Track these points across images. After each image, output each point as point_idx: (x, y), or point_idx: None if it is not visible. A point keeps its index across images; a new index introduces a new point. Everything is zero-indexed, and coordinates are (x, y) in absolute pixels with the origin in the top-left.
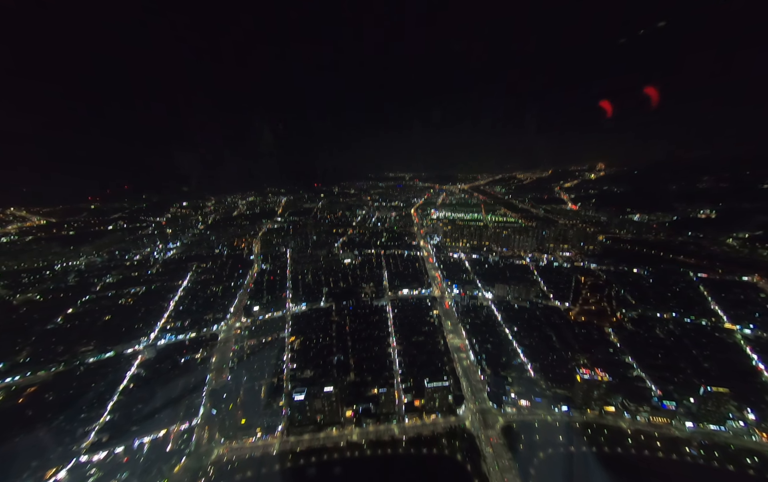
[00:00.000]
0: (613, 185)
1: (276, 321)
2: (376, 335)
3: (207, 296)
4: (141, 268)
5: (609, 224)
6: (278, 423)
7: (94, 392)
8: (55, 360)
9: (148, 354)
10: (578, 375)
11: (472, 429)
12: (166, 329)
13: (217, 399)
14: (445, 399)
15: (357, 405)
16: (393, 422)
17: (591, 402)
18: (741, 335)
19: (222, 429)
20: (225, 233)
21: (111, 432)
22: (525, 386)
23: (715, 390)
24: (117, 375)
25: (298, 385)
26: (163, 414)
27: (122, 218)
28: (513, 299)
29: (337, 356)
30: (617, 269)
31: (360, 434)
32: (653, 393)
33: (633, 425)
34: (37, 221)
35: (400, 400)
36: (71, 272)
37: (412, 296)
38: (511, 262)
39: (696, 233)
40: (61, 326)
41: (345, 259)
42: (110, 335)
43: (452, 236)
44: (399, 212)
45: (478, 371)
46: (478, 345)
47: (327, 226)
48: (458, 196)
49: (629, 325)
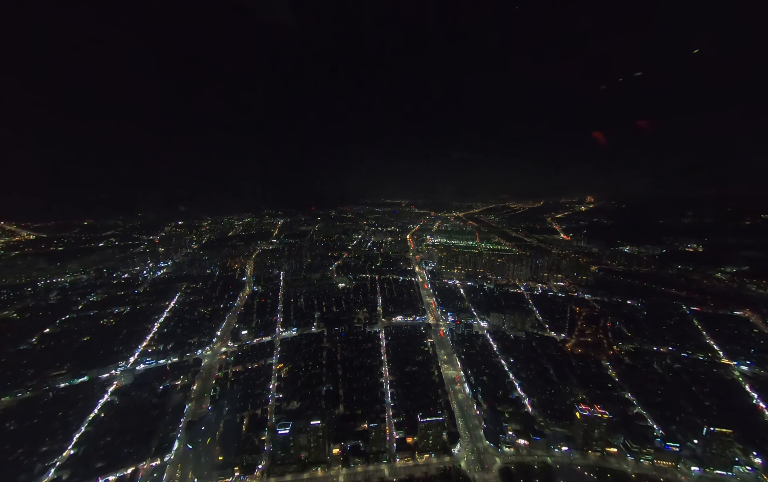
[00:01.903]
0: (602, 217)
1: (264, 347)
2: (368, 364)
3: (194, 319)
4: (128, 287)
5: (601, 255)
6: (258, 461)
7: (60, 421)
8: (23, 385)
9: (124, 380)
10: (577, 411)
11: (467, 470)
12: (147, 353)
13: (194, 432)
14: (440, 437)
15: (345, 442)
16: (383, 462)
17: (592, 442)
18: (739, 372)
19: (196, 467)
20: (219, 253)
21: (73, 468)
22: (523, 423)
23: (718, 430)
24: (88, 402)
25: (283, 418)
26: (133, 449)
27: (115, 235)
28: (509, 329)
29: (326, 387)
30: (611, 301)
31: (347, 475)
32: (655, 432)
33: (637, 468)
34: (26, 236)
35: (392, 437)
36: (54, 290)
37: (406, 323)
38: (506, 290)
39: (685, 266)
40: (35, 347)
41: (339, 283)
42: (86, 358)
43: (447, 262)
44: (395, 237)
45: (474, 405)
46: (473, 377)
47: (322, 249)
48: (453, 223)
49: (626, 358)
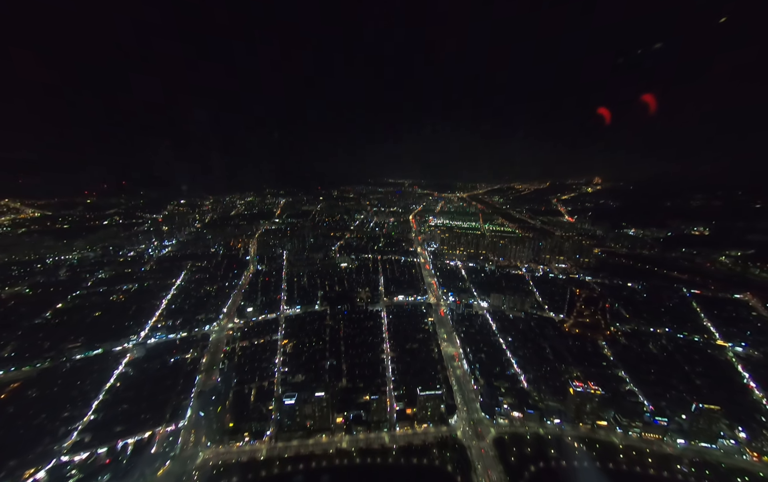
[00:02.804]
0: (609, 199)
1: (269, 323)
2: (370, 341)
3: (200, 296)
4: (134, 265)
5: (604, 238)
6: (267, 428)
7: (78, 390)
8: (41, 356)
9: (137, 353)
10: (571, 387)
11: (463, 439)
12: (156, 328)
13: (205, 401)
14: (438, 409)
15: (348, 412)
16: (384, 430)
17: (583, 415)
18: (733, 353)
19: (209, 432)
20: (222, 232)
21: (94, 432)
22: (518, 397)
23: (706, 407)
24: (104, 373)
25: (289, 389)
26: (149, 415)
27: (118, 213)
28: (508, 309)
29: (330, 361)
30: (612, 283)
31: (350, 441)
32: (645, 408)
33: (625, 440)
34: (31, 214)
35: (392, 408)
36: (63, 267)
37: (407, 302)
38: (507, 272)
39: (690, 250)
40: (50, 321)
41: (341, 263)
42: (99, 332)
43: (449, 243)
44: (397, 217)
45: (472, 380)
46: (472, 354)
47: (325, 229)
48: (456, 204)
49: (623, 339)
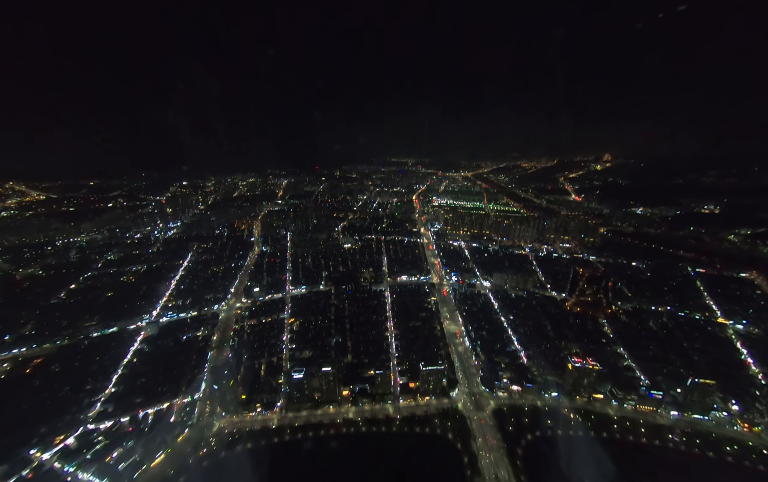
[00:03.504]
0: (618, 177)
1: (276, 303)
2: (374, 319)
3: (208, 276)
4: (142, 246)
5: (611, 217)
6: (277, 399)
7: (98, 365)
8: (60, 334)
9: (150, 331)
10: (570, 363)
11: (464, 410)
12: (167, 307)
13: (218, 375)
14: (439, 382)
15: (354, 385)
16: (388, 402)
17: (580, 388)
18: (733, 330)
19: (223, 403)
20: (225, 214)
21: (116, 403)
22: (517, 372)
23: (702, 381)
24: (120, 349)
25: (297, 364)
26: (166, 388)
27: (122, 195)
28: (510, 289)
29: (336, 339)
30: (616, 262)
31: (356, 412)
32: (642, 382)
33: (620, 412)
34: (37, 196)
35: (396, 382)
36: (72, 249)
37: (410, 282)
38: (511, 252)
39: (698, 228)
40: (65, 300)
41: (345, 243)
42: (113, 311)
43: (453, 223)
44: (400, 198)
45: (473, 356)
46: (473, 332)
47: (328, 210)
48: (461, 183)
49: (623, 317)
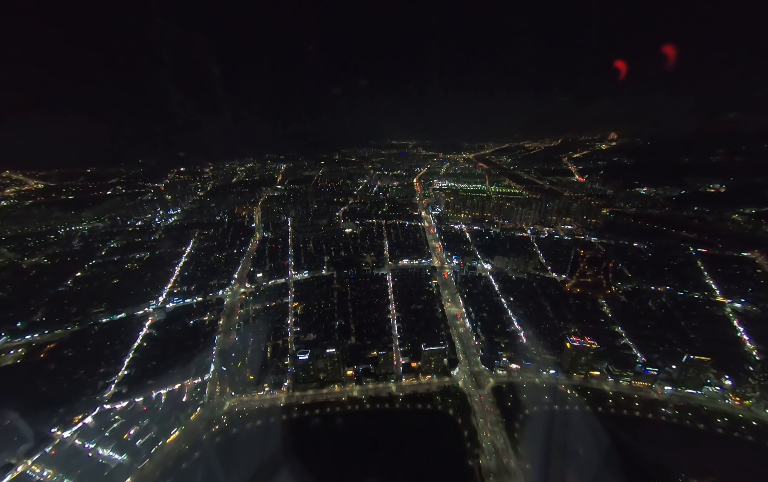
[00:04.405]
0: (624, 157)
1: (279, 288)
2: (376, 302)
3: (211, 263)
4: (144, 234)
5: (614, 198)
6: (284, 380)
7: (110, 349)
8: (70, 320)
9: (158, 316)
10: (568, 342)
11: (464, 388)
12: (173, 294)
13: (226, 357)
14: (441, 362)
15: (357, 366)
16: (391, 381)
17: (578, 366)
18: (731, 309)
19: (232, 384)
20: (225, 200)
21: (130, 384)
22: (517, 351)
23: (697, 358)
24: (130, 334)
25: (302, 347)
26: (176, 370)
27: (120, 183)
28: (511, 271)
29: (339, 322)
30: (617, 243)
31: (360, 391)
32: (638, 360)
33: (615, 388)
34: (35, 185)
35: (398, 362)
36: (75, 237)
37: (412, 266)
38: (512, 234)
39: (702, 208)
40: (72, 288)
41: (346, 228)
42: (120, 297)
43: (454, 207)
44: (401, 181)
45: (473, 337)
46: (474, 314)
47: (328, 195)
48: (462, 166)
49: (623, 297)
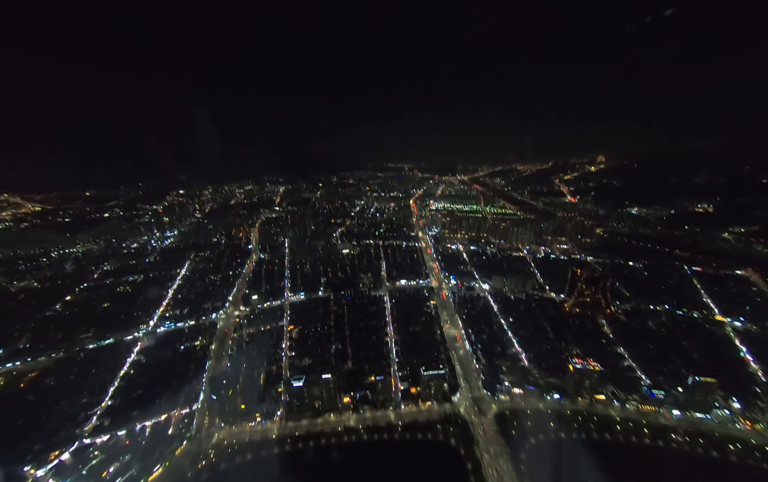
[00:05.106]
0: (613, 178)
1: (274, 310)
2: (374, 324)
3: (205, 285)
4: (139, 256)
5: (607, 218)
6: (277, 408)
7: (94, 378)
8: (55, 347)
9: (147, 341)
10: (571, 364)
11: (466, 415)
12: (165, 317)
13: (216, 385)
14: (441, 387)
15: (354, 392)
16: (389, 408)
17: (582, 390)
18: (731, 328)
19: (222, 414)
20: (223, 222)
21: (113, 416)
22: (519, 375)
23: (702, 379)
24: (117, 361)
25: (297, 372)
26: (163, 400)
27: (118, 205)
28: (509, 291)
29: (335, 345)
30: (613, 262)
31: (357, 420)
32: (643, 382)
33: (622, 413)
34: (32, 208)
35: (397, 387)
36: (68, 260)
37: (409, 286)
38: (509, 254)
39: (693, 228)
40: (60, 313)
41: (343, 249)
42: (109, 322)
43: (451, 227)
44: (398, 202)
45: (474, 360)
46: (474, 335)
47: (325, 216)
48: (458, 187)
49: (622, 317)
